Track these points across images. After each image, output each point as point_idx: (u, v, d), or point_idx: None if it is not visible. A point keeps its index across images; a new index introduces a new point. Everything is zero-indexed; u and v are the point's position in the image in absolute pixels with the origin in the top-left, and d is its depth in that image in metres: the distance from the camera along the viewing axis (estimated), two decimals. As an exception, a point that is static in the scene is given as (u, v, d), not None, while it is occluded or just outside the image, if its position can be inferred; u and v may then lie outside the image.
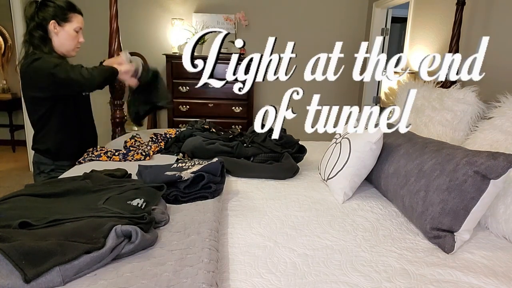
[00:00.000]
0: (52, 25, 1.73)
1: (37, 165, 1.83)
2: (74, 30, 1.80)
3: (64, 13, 1.76)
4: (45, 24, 1.73)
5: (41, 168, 1.82)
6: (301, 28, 3.96)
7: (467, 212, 1.11)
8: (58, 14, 1.74)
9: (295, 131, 4.19)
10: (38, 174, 1.84)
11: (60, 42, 1.78)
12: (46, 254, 0.79)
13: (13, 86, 4.91)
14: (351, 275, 0.96)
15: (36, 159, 1.84)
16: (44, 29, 1.73)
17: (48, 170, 1.82)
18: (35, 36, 1.72)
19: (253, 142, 1.90)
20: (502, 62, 2.02)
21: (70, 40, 1.80)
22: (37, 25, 1.72)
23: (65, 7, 1.76)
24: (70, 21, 1.78)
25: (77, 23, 1.81)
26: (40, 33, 1.72)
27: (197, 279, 0.81)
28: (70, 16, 1.78)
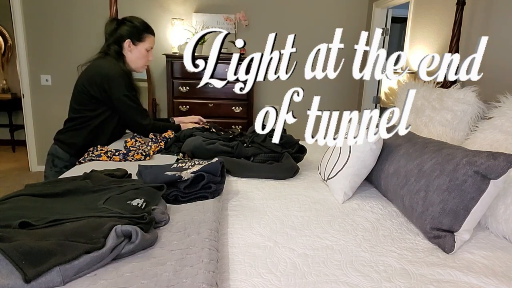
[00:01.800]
0: (127, 43, 1.91)
1: (52, 158, 1.90)
2: (145, 49, 1.97)
3: (139, 33, 1.93)
4: (121, 41, 1.90)
5: (55, 162, 1.88)
6: (301, 28, 3.96)
7: (467, 212, 1.11)
8: (134, 34, 1.92)
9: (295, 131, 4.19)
10: (50, 168, 1.90)
11: (131, 59, 1.95)
12: (46, 254, 0.79)
13: (13, 86, 4.91)
14: (351, 275, 0.96)
15: (53, 151, 1.90)
16: (119, 45, 1.91)
17: (61, 165, 1.88)
18: (112, 49, 1.90)
19: (253, 142, 1.90)
20: (502, 62, 2.02)
21: (141, 58, 1.98)
22: (115, 40, 1.90)
23: (141, 28, 1.93)
24: (143, 41, 1.95)
25: (149, 43, 1.98)
26: (116, 48, 1.90)
27: (197, 279, 0.81)
28: (144, 36, 1.94)
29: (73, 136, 1.90)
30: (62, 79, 3.86)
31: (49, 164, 1.91)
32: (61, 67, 3.82)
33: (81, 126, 1.90)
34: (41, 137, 4.00)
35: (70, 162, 1.87)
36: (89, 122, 1.90)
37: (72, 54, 3.76)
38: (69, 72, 3.88)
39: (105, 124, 1.94)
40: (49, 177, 1.89)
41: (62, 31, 3.75)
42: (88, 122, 1.90)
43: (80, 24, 3.70)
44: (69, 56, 3.76)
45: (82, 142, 1.89)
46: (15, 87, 4.83)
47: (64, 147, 1.88)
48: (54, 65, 3.83)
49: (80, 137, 1.90)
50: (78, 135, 1.90)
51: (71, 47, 3.77)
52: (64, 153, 1.88)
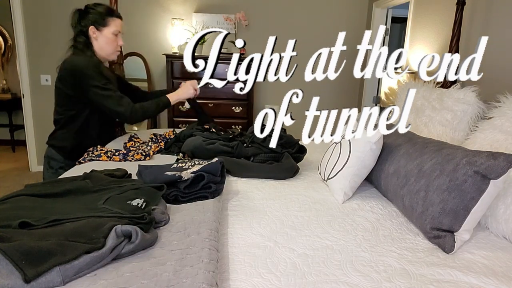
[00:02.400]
0: (91, 31, 1.83)
1: (48, 160, 1.88)
2: (112, 33, 1.88)
3: (103, 18, 1.84)
4: (86, 30, 1.83)
5: (51, 164, 1.87)
6: (301, 28, 3.96)
7: (467, 212, 1.11)
8: (97, 20, 1.83)
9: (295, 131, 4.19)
10: (47, 169, 1.89)
11: (99, 46, 1.87)
12: (46, 254, 0.79)
13: (13, 86, 4.91)
14: (351, 275, 0.96)
15: (48, 154, 1.89)
16: (86, 35, 1.84)
17: (57, 167, 1.87)
18: (80, 42, 1.84)
19: (253, 142, 1.90)
20: (502, 62, 2.02)
21: (109, 44, 1.88)
22: (80, 32, 1.83)
23: (104, 12, 1.85)
24: (108, 25, 1.86)
25: (115, 27, 1.89)
26: (83, 39, 1.83)
27: (197, 279, 0.81)
28: (108, 20, 1.86)
29: (62, 139, 1.87)
30: (62, 79, 3.85)
31: (45, 166, 1.90)
32: (61, 67, 3.82)
33: (67, 127, 1.86)
34: (41, 137, 4.00)
35: (66, 163, 1.85)
36: (73, 122, 1.86)
37: (72, 54, 3.76)
38: (69, 72, 3.88)
39: (89, 122, 1.88)
40: (47, 179, 1.89)
41: (62, 31, 3.75)
42: (72, 122, 1.86)
43: (80, 24, 3.69)
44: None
45: (71, 144, 1.86)
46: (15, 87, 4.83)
47: (57, 150, 1.87)
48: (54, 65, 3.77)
49: (68, 139, 1.87)
50: (66, 137, 1.87)
51: (71, 47, 3.77)
52: (57, 155, 1.87)
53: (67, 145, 1.86)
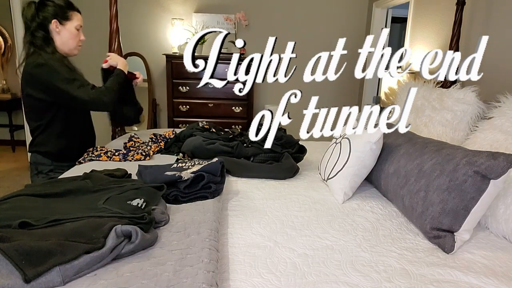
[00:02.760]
0: (54, 25, 1.72)
1: (35, 166, 1.80)
2: (75, 28, 1.79)
3: (65, 12, 1.75)
4: (46, 24, 1.71)
5: (40, 169, 1.79)
6: (301, 28, 3.97)
7: (467, 212, 1.11)
8: (58, 13, 1.73)
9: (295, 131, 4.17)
10: (36, 175, 1.81)
11: (62, 41, 1.77)
12: (46, 254, 0.79)
13: (13, 86, 4.91)
14: (351, 275, 0.96)
15: (34, 160, 1.80)
16: (45, 29, 1.72)
17: (47, 170, 1.79)
18: (38, 37, 1.70)
19: (253, 142, 1.90)
20: (502, 62, 2.02)
21: (72, 39, 1.80)
22: (39, 25, 1.71)
23: (65, 6, 1.75)
24: (71, 19, 1.77)
25: (78, 21, 1.81)
26: (42, 33, 1.71)
27: (197, 279, 0.81)
28: (71, 14, 1.77)
29: (44, 145, 1.78)
30: (62, 79, 3.85)
31: (33, 172, 1.81)
32: (61, 67, 3.82)
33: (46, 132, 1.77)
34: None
35: (55, 166, 1.79)
36: (51, 126, 1.77)
37: (72, 54, 3.76)
38: (69, 72, 3.88)
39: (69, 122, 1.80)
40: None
41: (62, 31, 3.75)
42: (50, 127, 1.77)
43: (80, 24, 3.69)
44: (69, 56, 3.75)
45: (56, 149, 1.78)
46: (15, 87, 4.83)
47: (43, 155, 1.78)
48: (54, 65, 3.82)
49: (50, 144, 1.78)
50: (48, 143, 1.77)
51: (71, 47, 3.77)
52: (45, 159, 1.78)
53: (51, 149, 1.78)
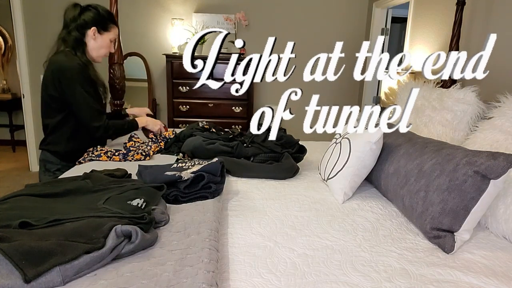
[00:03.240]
0: (92, 31, 1.80)
1: (44, 163, 1.86)
2: (110, 39, 1.88)
3: (106, 23, 1.84)
4: (84, 28, 1.79)
5: (47, 167, 1.84)
6: (301, 28, 3.96)
7: (467, 212, 1.11)
8: (99, 22, 1.81)
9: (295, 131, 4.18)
10: (43, 172, 1.86)
11: (94, 47, 1.84)
12: (46, 254, 0.79)
13: (13, 86, 4.91)
14: (351, 275, 0.96)
15: (43, 157, 1.86)
16: (82, 32, 1.80)
17: (54, 169, 1.84)
18: (72, 36, 1.78)
19: (253, 142, 1.90)
20: (502, 62, 2.02)
21: (105, 48, 1.88)
22: (77, 27, 1.78)
23: (107, 17, 1.84)
24: (109, 31, 1.86)
25: (114, 34, 1.90)
26: (76, 35, 1.78)
27: (197, 279, 0.81)
28: (110, 26, 1.86)
29: (55, 144, 1.82)
30: (62, 79, 3.85)
31: (42, 169, 1.87)
32: (61, 67, 3.82)
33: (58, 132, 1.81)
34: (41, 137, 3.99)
35: (62, 165, 1.83)
36: (63, 127, 1.80)
37: (72, 54, 3.76)
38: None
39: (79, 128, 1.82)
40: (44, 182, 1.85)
41: (62, 31, 3.75)
42: (62, 127, 1.80)
43: (80, 24, 3.70)
44: (69, 56, 3.76)
45: (64, 149, 1.82)
46: (15, 87, 4.83)
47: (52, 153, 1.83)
48: (54, 65, 3.83)
49: (61, 145, 1.82)
50: (58, 143, 1.82)
51: (71, 47, 3.77)
52: (53, 158, 1.83)
53: (60, 149, 1.82)
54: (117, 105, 2.26)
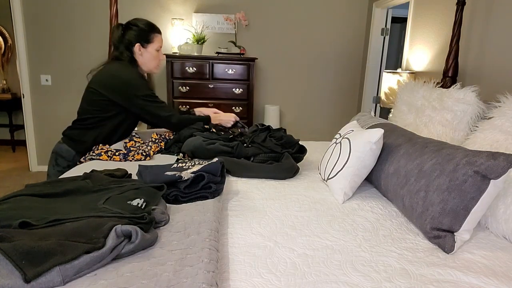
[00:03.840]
0: (137, 48, 1.89)
1: (55, 156, 1.89)
2: (155, 50, 1.94)
3: (147, 35, 1.90)
4: (131, 47, 1.88)
5: (58, 161, 1.89)
6: (301, 28, 3.96)
7: (467, 212, 1.11)
8: (141, 37, 1.89)
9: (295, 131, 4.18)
10: (53, 166, 1.89)
11: (143, 62, 1.93)
12: (46, 254, 0.79)
13: (13, 86, 4.91)
14: (351, 275, 0.96)
15: (57, 150, 1.90)
16: (130, 51, 1.89)
17: (64, 165, 1.89)
18: (125, 57, 1.89)
19: (253, 142, 1.90)
20: (502, 62, 2.02)
21: (153, 60, 1.95)
22: (125, 47, 1.88)
23: (147, 29, 1.90)
24: (152, 42, 1.92)
25: (158, 43, 1.95)
26: (128, 54, 1.89)
27: (197, 279, 0.81)
28: (152, 37, 1.92)
29: (83, 134, 1.90)
30: (62, 79, 3.86)
31: (52, 162, 1.90)
32: (61, 67, 3.83)
33: (93, 126, 1.90)
34: (41, 137, 4.00)
35: (73, 162, 1.87)
36: (102, 123, 1.90)
37: (72, 54, 3.77)
38: (69, 72, 3.89)
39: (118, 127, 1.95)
40: (51, 176, 1.89)
41: (62, 31, 3.75)
42: (101, 123, 1.90)
43: (80, 24, 3.70)
44: (69, 56, 3.76)
45: (91, 142, 1.90)
46: (15, 87, 4.84)
47: (71, 144, 1.88)
48: (54, 65, 3.84)
49: (90, 136, 1.90)
50: (88, 134, 1.89)
51: (71, 47, 3.78)
52: (68, 150, 1.87)
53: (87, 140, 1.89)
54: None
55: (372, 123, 1.98)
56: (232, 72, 3.46)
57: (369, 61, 3.87)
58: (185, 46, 3.52)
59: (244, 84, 3.54)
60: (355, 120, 2.06)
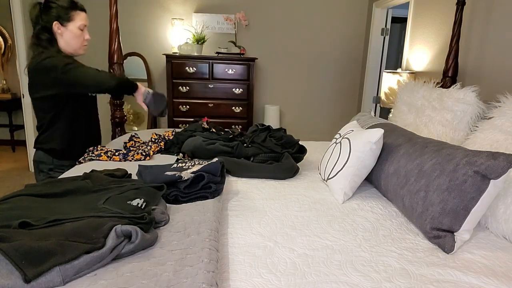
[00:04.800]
0: (55, 26, 1.73)
1: (37, 164, 1.84)
2: (78, 28, 1.79)
3: (66, 13, 1.75)
4: (49, 26, 1.73)
5: (40, 167, 1.82)
6: (301, 28, 3.96)
7: (467, 212, 1.11)
8: (60, 15, 1.73)
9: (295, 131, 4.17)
10: (38, 173, 1.85)
11: (65, 41, 1.77)
12: (46, 254, 0.79)
13: (13, 86, 4.91)
14: (351, 275, 0.96)
15: (36, 158, 1.83)
16: (49, 31, 1.73)
17: (46, 169, 1.81)
18: (43, 39, 1.73)
19: (253, 142, 1.90)
20: (502, 62, 2.02)
21: (75, 39, 1.80)
22: (43, 28, 1.73)
23: (67, 6, 1.75)
24: (73, 20, 1.77)
25: (81, 21, 1.80)
26: (46, 35, 1.73)
27: (197, 279, 0.81)
28: (73, 14, 1.77)
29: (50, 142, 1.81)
30: (62, 79, 3.85)
31: (36, 171, 1.85)
32: (61, 67, 3.82)
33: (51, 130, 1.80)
34: (41, 137, 4.00)
35: (55, 165, 1.81)
36: (56, 123, 1.79)
37: (72, 54, 3.76)
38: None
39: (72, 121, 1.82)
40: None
41: (62, 31, 3.75)
42: (55, 124, 1.79)
43: (80, 24, 3.70)
44: (69, 56, 3.76)
45: (60, 146, 1.81)
46: (15, 87, 4.84)
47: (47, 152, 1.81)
48: (54, 65, 3.83)
49: (56, 141, 1.80)
50: (52, 140, 1.80)
51: (71, 47, 3.77)
52: (46, 156, 1.81)
53: (55, 147, 1.80)
54: (117, 105, 2.26)
55: (372, 123, 1.98)
56: (232, 72, 3.47)
57: (369, 61, 3.87)
58: (185, 46, 3.52)
59: (244, 84, 3.54)
60: (355, 120, 2.06)
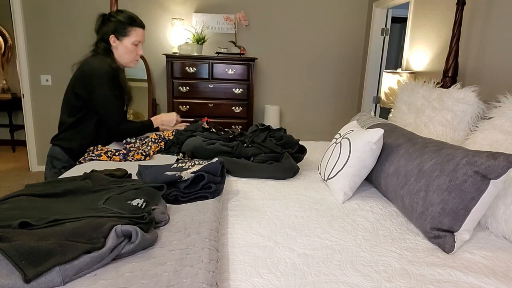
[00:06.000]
0: (111, 39, 1.86)
1: (51, 159, 1.88)
2: (132, 43, 1.90)
3: (124, 28, 1.87)
4: (106, 38, 1.86)
5: (54, 163, 1.87)
6: (301, 28, 3.96)
7: (467, 212, 1.11)
8: (118, 29, 1.86)
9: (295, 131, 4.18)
10: (50, 169, 1.89)
11: (118, 54, 1.90)
12: (46, 254, 0.79)
13: (13, 86, 4.91)
14: (351, 275, 0.96)
15: (52, 153, 1.89)
16: (107, 42, 1.87)
17: (60, 166, 1.87)
18: (100, 48, 1.86)
19: (253, 142, 1.90)
20: (502, 62, 2.02)
21: (128, 54, 1.91)
22: (101, 38, 1.87)
23: (125, 22, 1.87)
24: (128, 35, 1.89)
25: (136, 37, 1.91)
26: (103, 45, 1.87)
27: (197, 279, 0.81)
28: (129, 30, 1.88)
29: (70, 141, 1.86)
30: (62, 79, 3.86)
31: (48, 165, 1.89)
32: (61, 67, 3.82)
33: (75, 130, 1.86)
34: (41, 137, 4.00)
35: (69, 163, 1.86)
36: (83, 125, 1.85)
37: (72, 54, 3.76)
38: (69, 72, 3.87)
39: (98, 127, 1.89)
40: (49, 178, 1.89)
41: (62, 31, 3.75)
42: (82, 125, 1.85)
43: (80, 24, 3.70)
44: (69, 56, 3.76)
45: (79, 147, 1.86)
46: (15, 87, 4.84)
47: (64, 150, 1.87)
48: (54, 65, 3.83)
49: (76, 142, 1.86)
50: (73, 140, 1.85)
51: (71, 47, 3.78)
52: (62, 153, 1.86)
53: (74, 146, 1.86)
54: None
55: (372, 123, 1.98)
56: (232, 72, 3.47)
57: (369, 61, 3.87)
58: (185, 46, 3.52)
59: (244, 84, 3.54)
60: (355, 120, 2.06)
